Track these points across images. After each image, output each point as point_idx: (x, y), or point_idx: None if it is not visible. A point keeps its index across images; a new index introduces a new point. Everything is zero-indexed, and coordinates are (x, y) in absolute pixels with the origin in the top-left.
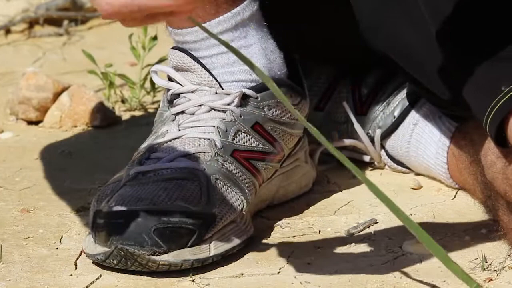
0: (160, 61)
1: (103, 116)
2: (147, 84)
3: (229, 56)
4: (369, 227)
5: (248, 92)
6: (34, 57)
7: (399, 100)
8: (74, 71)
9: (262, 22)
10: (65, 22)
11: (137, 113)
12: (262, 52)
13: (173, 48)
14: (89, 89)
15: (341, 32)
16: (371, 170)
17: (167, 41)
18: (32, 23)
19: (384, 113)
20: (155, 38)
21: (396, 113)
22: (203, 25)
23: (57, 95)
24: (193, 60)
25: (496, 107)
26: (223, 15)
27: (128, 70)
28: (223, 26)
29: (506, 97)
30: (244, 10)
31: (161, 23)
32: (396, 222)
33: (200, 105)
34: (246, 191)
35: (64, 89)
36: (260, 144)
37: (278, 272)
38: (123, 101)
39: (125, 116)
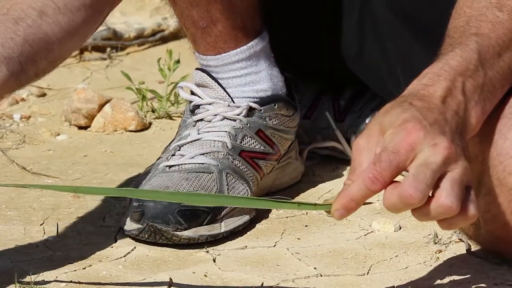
0: (183, 79)
1: (137, 123)
2: (172, 98)
3: (241, 79)
4: None
5: (254, 105)
6: (84, 76)
7: (370, 110)
8: (115, 87)
9: (270, 53)
10: (108, 49)
11: (164, 120)
12: (269, 77)
13: (197, 69)
14: (126, 102)
15: (325, 58)
16: (347, 165)
17: (187, 64)
18: (82, 50)
19: (357, 120)
20: (178, 61)
21: (367, 121)
22: None
23: (101, 106)
24: (213, 79)
25: None
26: (240, 48)
27: (157, 86)
28: (239, 56)
29: None
30: (256, 44)
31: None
32: (366, 206)
33: (215, 115)
34: (250, 182)
35: (107, 101)
36: (261, 147)
37: (274, 245)
38: (153, 111)
39: (154, 122)
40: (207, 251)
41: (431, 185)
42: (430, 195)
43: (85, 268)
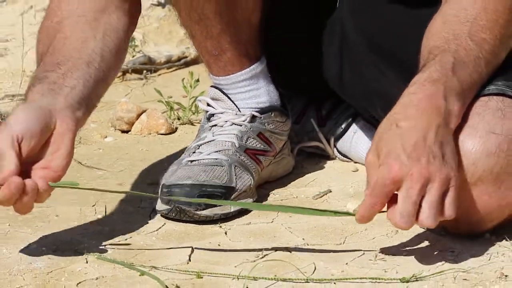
0: (201, 94)
1: (166, 128)
2: (193, 108)
3: (246, 94)
4: (326, 194)
5: (255, 114)
6: (125, 92)
7: (345, 118)
8: (149, 101)
9: (267, 74)
10: (144, 72)
11: (187, 126)
12: (267, 92)
13: (212, 86)
14: (158, 111)
15: (311, 79)
16: (328, 160)
17: (205, 83)
18: (124, 72)
19: (335, 126)
20: (197, 80)
21: (343, 126)
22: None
23: (139, 115)
24: (224, 94)
25: None
26: (244, 70)
27: (182, 100)
28: (244, 76)
29: None
30: (257, 67)
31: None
32: (343, 192)
33: (226, 121)
34: (253, 173)
35: (143, 111)
36: (262, 146)
37: (272, 221)
38: (179, 118)
39: (180, 127)
40: (220, 226)
41: (415, 212)
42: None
43: (126, 239)
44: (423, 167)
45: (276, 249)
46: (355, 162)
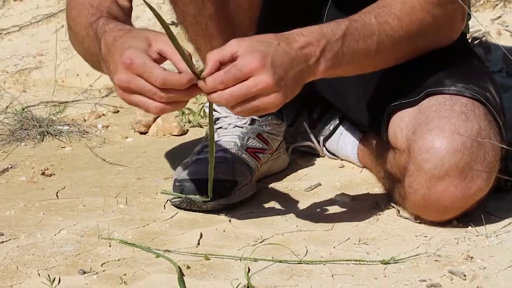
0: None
1: (179, 130)
2: (202, 113)
3: None
4: (317, 187)
5: (255, 117)
6: None
7: (333, 121)
8: None
9: None
10: None
11: (196, 128)
12: None
13: None
14: (172, 116)
15: (304, 87)
16: (318, 158)
17: None
18: None
19: (325, 128)
20: None
21: (331, 128)
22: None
23: (155, 119)
24: None
25: (383, 121)
26: None
27: (192, 105)
28: None
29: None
30: None
31: None
32: (331, 184)
33: (229, 124)
34: (253, 169)
35: (159, 116)
36: (260, 145)
37: (270, 211)
38: (189, 121)
39: (190, 130)
40: (225, 215)
41: (241, 98)
42: None
43: (144, 226)
44: (272, 81)
45: (273, 234)
46: (342, 160)
